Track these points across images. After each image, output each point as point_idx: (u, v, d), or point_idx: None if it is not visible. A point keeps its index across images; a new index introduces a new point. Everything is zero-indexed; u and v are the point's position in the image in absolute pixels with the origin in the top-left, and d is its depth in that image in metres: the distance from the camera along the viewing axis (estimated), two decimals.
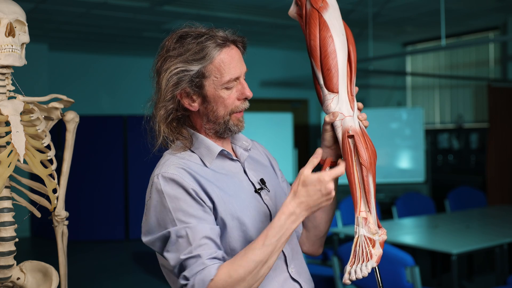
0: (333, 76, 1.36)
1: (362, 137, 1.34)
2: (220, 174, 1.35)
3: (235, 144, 1.46)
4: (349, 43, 1.40)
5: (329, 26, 1.35)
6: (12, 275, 1.74)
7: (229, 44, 1.33)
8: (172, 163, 1.32)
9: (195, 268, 1.21)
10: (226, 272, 1.20)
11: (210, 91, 1.33)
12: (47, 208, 1.85)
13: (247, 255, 1.21)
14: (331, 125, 1.38)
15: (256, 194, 1.38)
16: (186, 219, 1.25)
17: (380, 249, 1.31)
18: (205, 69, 1.31)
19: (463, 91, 7.81)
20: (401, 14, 6.46)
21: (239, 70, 1.34)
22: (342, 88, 1.36)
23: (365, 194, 1.33)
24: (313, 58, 1.38)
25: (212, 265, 1.21)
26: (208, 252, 1.22)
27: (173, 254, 1.24)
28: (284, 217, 1.22)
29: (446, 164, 7.70)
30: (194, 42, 1.31)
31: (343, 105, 1.36)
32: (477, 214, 4.82)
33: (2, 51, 1.64)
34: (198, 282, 1.20)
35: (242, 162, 1.43)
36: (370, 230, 1.31)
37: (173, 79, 1.31)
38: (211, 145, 1.36)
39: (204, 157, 1.36)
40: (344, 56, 1.37)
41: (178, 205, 1.26)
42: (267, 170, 1.49)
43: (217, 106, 1.34)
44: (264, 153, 1.57)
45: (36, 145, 1.73)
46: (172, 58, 1.32)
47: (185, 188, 1.27)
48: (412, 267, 2.77)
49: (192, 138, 1.38)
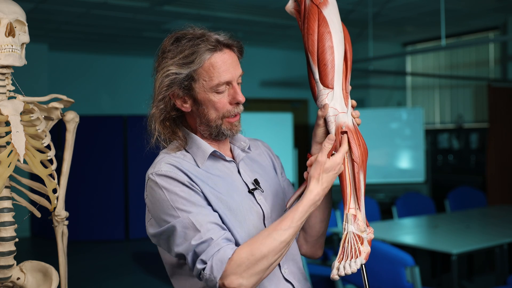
0: (329, 71, 1.36)
1: (355, 134, 1.35)
2: (212, 174, 1.36)
3: (233, 144, 1.47)
4: (346, 41, 1.40)
5: (328, 22, 1.36)
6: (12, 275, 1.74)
7: (222, 48, 1.34)
8: (165, 161, 1.34)
9: (211, 250, 1.22)
10: (248, 250, 1.22)
11: (200, 94, 1.34)
12: (47, 208, 1.84)
13: (272, 235, 1.24)
14: (324, 121, 1.38)
15: (249, 195, 1.39)
16: (187, 208, 1.27)
17: (368, 246, 1.31)
18: (195, 72, 1.32)
19: (463, 91, 7.81)
20: (401, 14, 6.46)
21: (230, 75, 1.34)
22: (337, 84, 1.37)
23: (356, 191, 1.33)
24: (310, 52, 1.38)
25: (226, 245, 1.23)
26: (219, 234, 1.24)
27: (183, 245, 1.25)
28: (310, 203, 1.28)
29: (446, 164, 7.70)
30: (187, 44, 1.32)
31: (338, 101, 1.36)
32: (477, 214, 4.82)
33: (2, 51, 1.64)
34: (216, 262, 1.21)
35: (237, 163, 1.43)
36: (359, 228, 1.32)
37: (165, 81, 1.33)
38: (203, 146, 1.38)
39: (197, 158, 1.37)
40: (341, 53, 1.37)
41: (176, 197, 1.28)
42: (265, 171, 1.49)
43: (208, 109, 1.35)
44: (267, 152, 1.57)
45: (36, 145, 1.73)
46: (166, 59, 1.34)
47: (180, 181, 1.29)
48: (412, 267, 2.76)
49: (187, 139, 1.39)
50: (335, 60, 1.36)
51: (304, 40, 1.39)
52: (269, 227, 1.26)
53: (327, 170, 1.28)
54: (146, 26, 6.69)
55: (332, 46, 1.35)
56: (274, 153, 1.60)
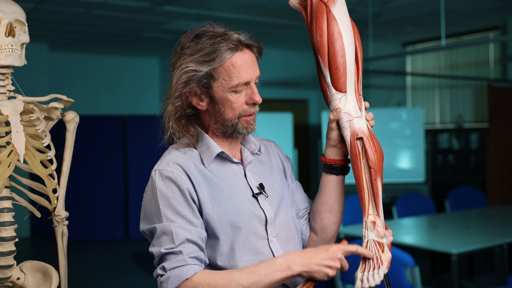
0: (342, 75, 1.31)
1: (371, 139, 1.31)
2: (216, 176, 1.35)
3: (243, 146, 1.46)
4: (356, 39, 1.35)
5: (338, 22, 1.30)
6: (12, 275, 1.74)
7: (242, 48, 1.33)
8: (172, 159, 1.33)
9: (175, 263, 1.24)
10: (207, 278, 1.22)
11: (218, 93, 1.33)
12: (47, 208, 1.84)
13: (233, 273, 1.23)
14: (338, 124, 1.36)
15: (253, 199, 1.37)
16: (173, 217, 1.27)
17: (389, 252, 1.29)
18: (215, 71, 1.31)
19: (463, 91, 7.80)
20: (401, 14, 6.46)
21: (249, 75, 1.33)
22: (350, 88, 1.33)
23: (374, 197, 1.30)
24: (320, 55, 1.32)
25: (192, 265, 1.23)
26: (190, 251, 1.25)
27: (156, 247, 1.27)
28: (282, 259, 1.25)
29: (446, 164, 7.70)
30: (208, 42, 1.31)
31: (351, 105, 1.33)
32: (477, 214, 4.82)
33: (2, 51, 1.64)
34: (174, 276, 1.22)
35: (244, 166, 1.42)
36: (379, 234, 1.30)
37: (183, 78, 1.32)
38: (212, 146, 1.37)
39: (204, 157, 1.36)
40: (352, 54, 1.32)
41: (168, 203, 1.28)
42: (273, 175, 1.47)
43: (225, 109, 1.34)
44: (278, 155, 1.55)
45: (36, 145, 1.72)
46: (185, 56, 1.33)
47: (180, 187, 1.29)
48: (412, 267, 2.76)
49: (198, 137, 1.38)
50: (346, 63, 1.31)
51: (313, 40, 1.33)
52: (241, 268, 1.27)
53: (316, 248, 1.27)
54: (146, 26, 6.69)
55: (343, 48, 1.30)
56: (285, 155, 1.58)
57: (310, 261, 1.23)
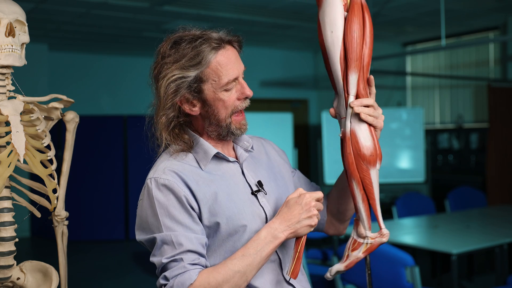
0: (332, 80, 1.34)
1: (349, 140, 1.30)
2: (215, 176, 1.34)
3: (236, 144, 1.45)
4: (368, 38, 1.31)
5: (321, 24, 1.30)
6: (12, 275, 1.74)
7: (225, 45, 1.32)
8: (166, 166, 1.32)
9: (176, 271, 1.23)
10: (206, 277, 1.23)
11: (210, 94, 1.32)
12: (47, 208, 1.84)
13: (226, 264, 1.24)
14: None
15: (252, 197, 1.37)
16: (172, 226, 1.26)
17: (360, 254, 1.34)
18: (203, 73, 1.30)
19: (463, 91, 7.80)
20: (401, 14, 6.46)
21: (236, 71, 1.32)
22: (339, 89, 1.33)
23: (354, 199, 1.33)
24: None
25: (193, 270, 1.23)
26: (191, 258, 1.24)
27: (157, 257, 1.27)
28: (265, 232, 1.26)
29: (446, 164, 7.70)
30: (189, 47, 1.29)
31: (341, 106, 1.33)
32: (477, 214, 4.82)
33: (2, 51, 1.64)
34: (177, 284, 1.22)
35: (240, 163, 1.42)
36: (360, 234, 1.35)
37: (171, 87, 1.30)
38: (207, 148, 1.36)
39: (200, 160, 1.35)
40: (337, 54, 1.29)
41: (166, 212, 1.27)
42: (270, 171, 1.47)
43: (218, 109, 1.33)
44: (273, 148, 1.56)
45: (36, 145, 1.72)
46: (168, 65, 1.30)
47: (177, 195, 1.28)
48: (412, 267, 2.76)
49: (193, 142, 1.37)
50: (330, 65, 1.31)
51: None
52: (232, 255, 1.27)
53: (287, 203, 1.28)
54: (146, 26, 6.69)
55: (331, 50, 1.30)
56: (279, 148, 1.59)
57: (290, 222, 1.26)
